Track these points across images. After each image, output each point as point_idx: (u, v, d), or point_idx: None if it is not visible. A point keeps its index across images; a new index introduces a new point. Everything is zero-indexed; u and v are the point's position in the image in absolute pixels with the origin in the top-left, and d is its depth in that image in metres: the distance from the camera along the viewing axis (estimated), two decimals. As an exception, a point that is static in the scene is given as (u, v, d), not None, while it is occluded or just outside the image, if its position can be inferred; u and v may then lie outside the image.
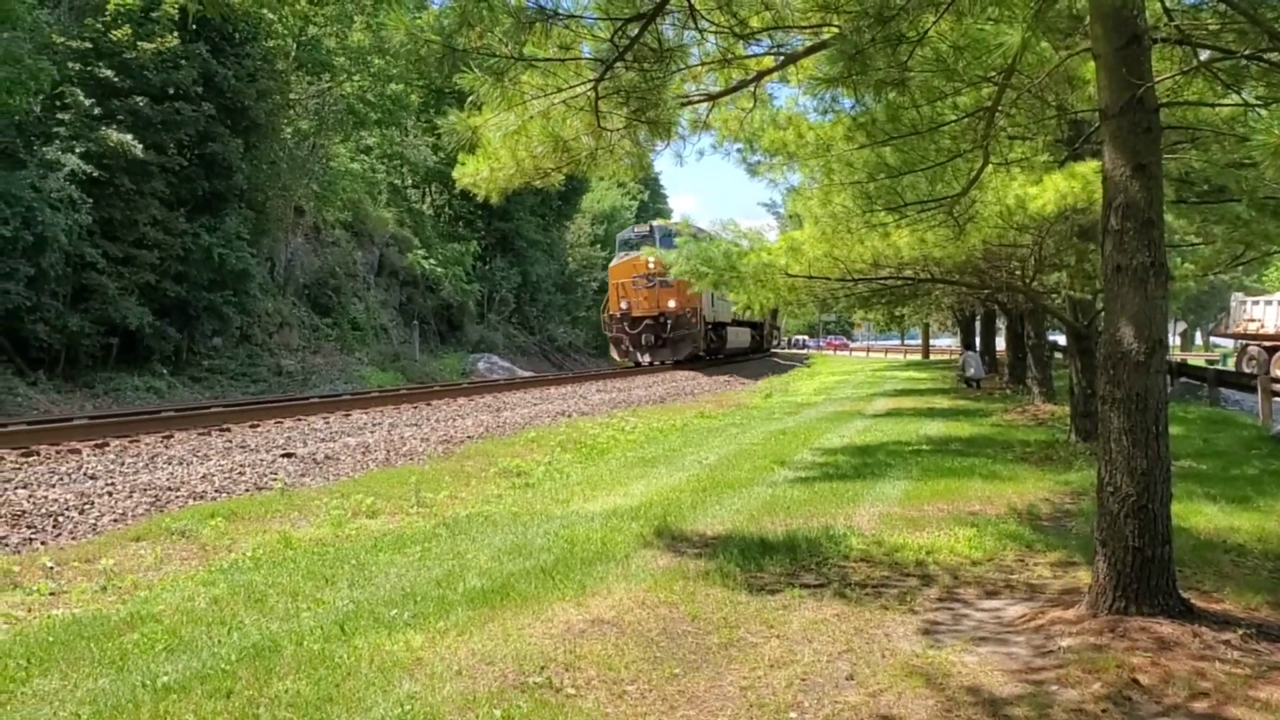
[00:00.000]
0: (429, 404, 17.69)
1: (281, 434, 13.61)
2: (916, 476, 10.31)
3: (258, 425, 14.34)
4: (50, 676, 4.61)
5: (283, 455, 12.06)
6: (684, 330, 35.64)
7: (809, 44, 6.48)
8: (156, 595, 6.28)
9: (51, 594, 6.46)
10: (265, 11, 29.26)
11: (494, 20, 4.05)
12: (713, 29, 5.07)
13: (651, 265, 32.90)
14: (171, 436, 12.94)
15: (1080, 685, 4.29)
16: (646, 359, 35.85)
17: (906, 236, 9.98)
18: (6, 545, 7.57)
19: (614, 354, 37.92)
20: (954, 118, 6.84)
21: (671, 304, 35.18)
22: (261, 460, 11.62)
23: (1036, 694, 4.23)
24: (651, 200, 68.18)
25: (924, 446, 13.18)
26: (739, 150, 10.40)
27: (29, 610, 6.08)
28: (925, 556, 6.77)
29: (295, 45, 32.36)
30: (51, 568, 6.97)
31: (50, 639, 5.18)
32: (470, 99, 5.52)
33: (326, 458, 12.25)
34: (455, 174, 7.23)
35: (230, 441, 12.75)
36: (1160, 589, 5.07)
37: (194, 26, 26.03)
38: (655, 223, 38.74)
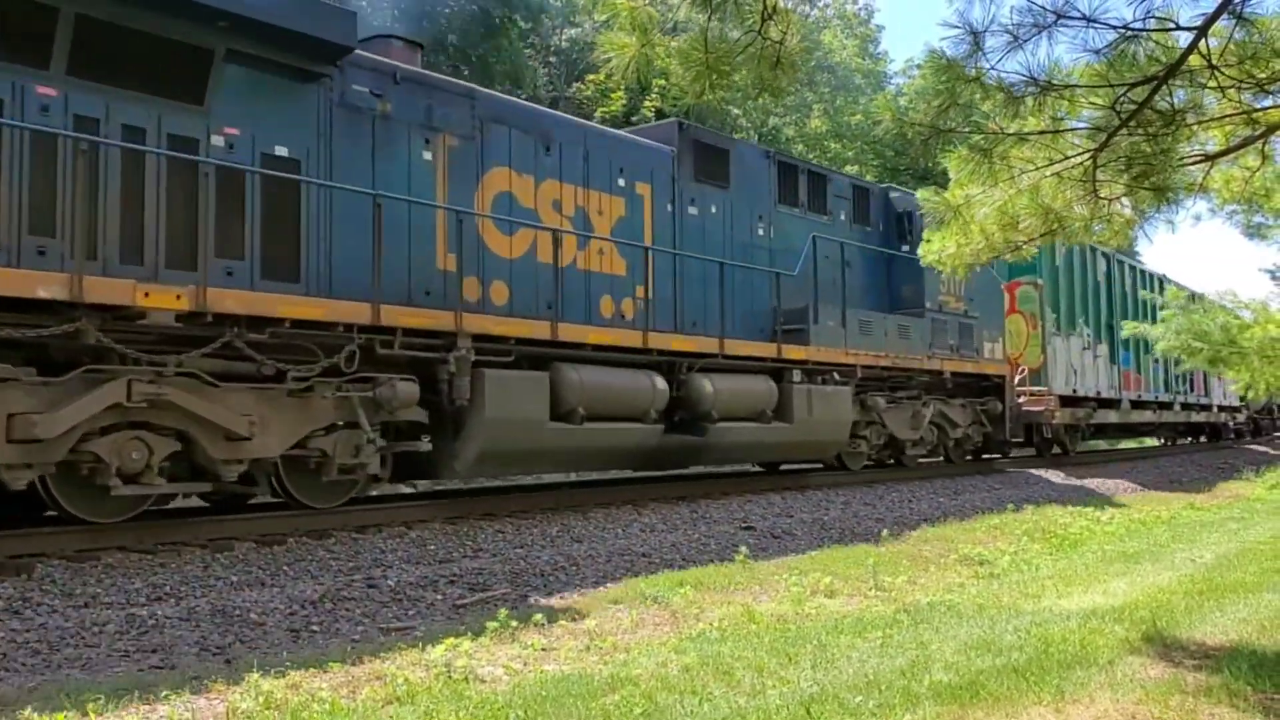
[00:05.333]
0: (884, 484, 17.46)
1: (741, 507, 14.00)
2: None
3: (719, 498, 14.86)
4: (544, 729, 4.99)
5: (743, 528, 12.41)
6: None
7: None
8: (633, 659, 6.64)
9: (543, 649, 7.05)
10: (732, 108, 31.25)
11: (985, 97, 3.96)
12: (1220, 83, 4.57)
13: None
14: (646, 505, 13.74)
15: None
16: None
17: None
18: (506, 601, 8.42)
19: None
20: None
21: None
22: (724, 532, 12.03)
23: None
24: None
25: None
26: (1238, 213, 9.37)
27: (525, 664, 6.67)
28: None
29: (757, 136, 34.19)
30: (542, 624, 7.62)
31: (543, 694, 5.62)
32: (931, 176, 5.44)
33: (784, 532, 12.45)
34: (920, 251, 7.15)
35: (696, 512, 13.32)
36: None
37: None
38: None
